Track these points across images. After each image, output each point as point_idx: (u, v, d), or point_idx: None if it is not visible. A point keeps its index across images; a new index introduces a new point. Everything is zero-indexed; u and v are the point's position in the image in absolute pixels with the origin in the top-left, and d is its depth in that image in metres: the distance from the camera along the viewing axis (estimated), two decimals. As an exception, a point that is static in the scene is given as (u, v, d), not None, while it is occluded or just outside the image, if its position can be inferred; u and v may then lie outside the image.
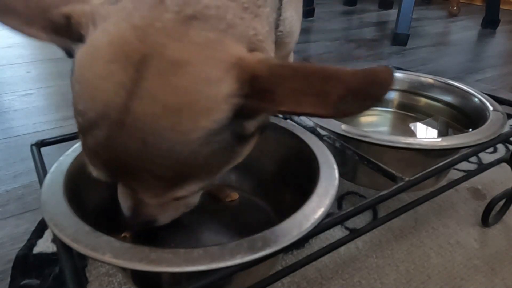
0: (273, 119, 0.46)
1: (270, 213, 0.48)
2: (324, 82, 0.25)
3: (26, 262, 0.48)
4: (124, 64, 0.26)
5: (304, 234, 0.30)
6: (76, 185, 0.38)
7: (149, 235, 0.38)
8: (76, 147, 0.42)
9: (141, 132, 0.26)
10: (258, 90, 0.26)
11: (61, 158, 0.40)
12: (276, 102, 0.26)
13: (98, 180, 0.30)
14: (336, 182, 0.37)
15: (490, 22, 1.83)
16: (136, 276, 0.36)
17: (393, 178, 0.39)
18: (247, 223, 0.47)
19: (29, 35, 0.29)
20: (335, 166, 0.39)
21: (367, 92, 0.25)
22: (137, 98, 0.26)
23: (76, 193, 0.36)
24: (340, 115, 0.26)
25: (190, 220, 0.46)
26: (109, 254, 0.28)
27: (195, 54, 0.26)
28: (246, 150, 0.32)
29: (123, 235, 0.38)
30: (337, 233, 0.53)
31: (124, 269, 0.34)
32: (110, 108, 0.26)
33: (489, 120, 0.50)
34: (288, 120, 0.49)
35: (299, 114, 0.29)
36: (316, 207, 0.33)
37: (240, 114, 0.27)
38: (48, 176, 0.37)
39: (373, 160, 0.42)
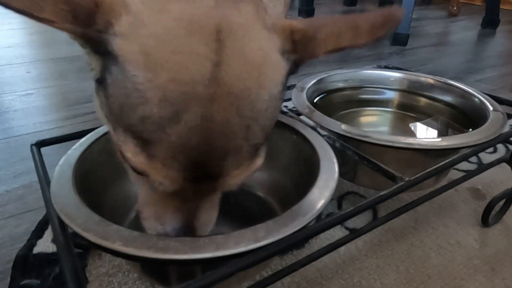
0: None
1: (272, 206, 0.49)
2: (352, 22, 0.31)
3: (26, 262, 0.48)
4: (202, 37, 0.26)
5: (305, 224, 0.31)
6: (85, 177, 0.39)
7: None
8: (83, 141, 0.42)
9: (234, 99, 0.26)
10: (300, 41, 0.30)
11: (69, 151, 0.41)
12: (320, 46, 0.31)
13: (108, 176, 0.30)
14: (336, 175, 0.37)
15: (490, 22, 1.83)
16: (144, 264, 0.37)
17: (393, 178, 0.39)
18: (250, 215, 0.48)
19: (40, 20, 0.25)
20: (335, 160, 0.39)
21: (384, 24, 0.32)
22: (224, 66, 0.26)
23: (84, 185, 0.37)
24: (371, 42, 0.32)
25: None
26: (118, 242, 0.28)
27: (252, 20, 0.29)
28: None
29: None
30: (337, 233, 0.53)
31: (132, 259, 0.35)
32: (199, 83, 0.25)
33: (489, 120, 0.50)
34: (290, 116, 0.49)
35: (340, 50, 0.32)
36: (317, 199, 0.34)
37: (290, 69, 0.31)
38: (57, 168, 0.38)
39: (373, 160, 0.42)
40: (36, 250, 0.50)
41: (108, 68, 0.27)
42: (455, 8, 2.13)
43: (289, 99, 0.56)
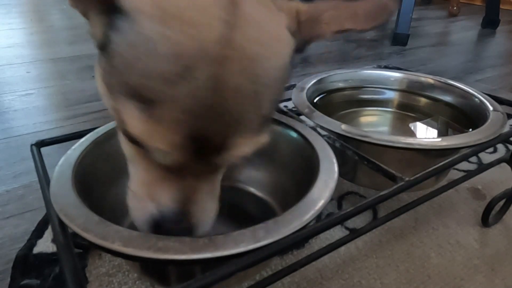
0: (274, 115, 0.48)
1: (272, 206, 0.49)
2: (351, 8, 0.34)
3: (26, 262, 0.48)
4: None
5: (305, 224, 0.31)
6: (84, 177, 0.39)
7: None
8: (82, 141, 0.42)
9: (248, 63, 0.25)
10: (306, 22, 0.32)
11: (68, 151, 0.41)
12: (325, 27, 0.33)
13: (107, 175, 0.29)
14: (336, 175, 0.37)
15: (490, 22, 1.84)
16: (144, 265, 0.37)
17: (393, 178, 0.39)
18: (250, 215, 0.49)
19: None
20: (335, 161, 0.40)
21: (378, 14, 0.34)
22: (239, 29, 0.25)
23: (84, 185, 0.37)
24: (369, 29, 0.34)
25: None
26: (118, 242, 0.28)
27: None
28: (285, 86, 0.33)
29: None
30: (337, 233, 0.53)
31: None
32: (211, 42, 0.24)
33: (489, 120, 0.50)
34: (290, 116, 0.49)
35: (343, 32, 0.34)
36: (317, 199, 0.34)
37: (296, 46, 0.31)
38: (57, 168, 0.38)
39: (373, 160, 0.42)
40: (36, 250, 0.50)
41: (115, 26, 0.25)
42: (455, 8, 2.13)
43: (289, 99, 0.56)
